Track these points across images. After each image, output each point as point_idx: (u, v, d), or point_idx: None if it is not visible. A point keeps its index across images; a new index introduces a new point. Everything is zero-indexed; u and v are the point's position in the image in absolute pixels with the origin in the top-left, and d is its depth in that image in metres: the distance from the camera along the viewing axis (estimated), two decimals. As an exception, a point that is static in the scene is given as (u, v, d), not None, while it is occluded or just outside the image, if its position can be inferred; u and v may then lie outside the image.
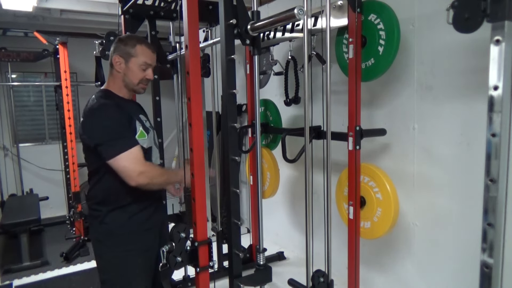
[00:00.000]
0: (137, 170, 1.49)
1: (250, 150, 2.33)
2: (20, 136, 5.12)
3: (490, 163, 1.01)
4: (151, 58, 1.65)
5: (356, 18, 1.65)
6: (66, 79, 3.98)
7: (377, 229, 1.78)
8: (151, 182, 1.53)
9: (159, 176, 1.58)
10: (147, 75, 1.65)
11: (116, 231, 1.60)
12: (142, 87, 1.68)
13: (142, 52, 1.62)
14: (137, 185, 1.49)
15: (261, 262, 1.68)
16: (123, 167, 1.49)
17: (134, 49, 1.61)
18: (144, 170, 1.50)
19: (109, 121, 1.54)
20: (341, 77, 1.87)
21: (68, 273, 2.93)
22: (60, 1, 3.46)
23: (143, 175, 1.49)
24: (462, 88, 1.64)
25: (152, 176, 1.53)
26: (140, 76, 1.64)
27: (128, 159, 1.49)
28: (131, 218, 1.62)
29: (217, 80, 2.30)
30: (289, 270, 2.53)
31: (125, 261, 1.60)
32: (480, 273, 1.04)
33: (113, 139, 1.50)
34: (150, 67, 1.66)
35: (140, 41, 1.64)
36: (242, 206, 3.37)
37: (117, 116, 1.54)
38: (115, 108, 1.56)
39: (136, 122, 1.62)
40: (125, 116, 1.57)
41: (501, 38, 0.96)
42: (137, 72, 1.63)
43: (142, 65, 1.62)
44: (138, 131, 1.61)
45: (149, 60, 1.64)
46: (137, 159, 1.51)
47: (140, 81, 1.65)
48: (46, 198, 4.63)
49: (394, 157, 1.96)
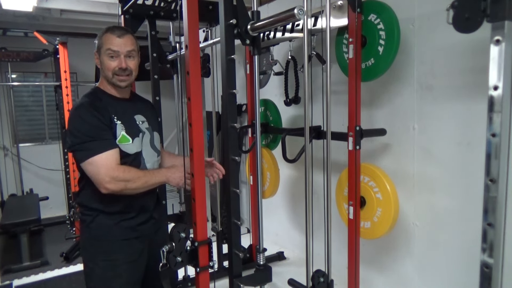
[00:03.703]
0: (107, 176, 1.39)
1: (250, 150, 2.33)
2: (20, 136, 5.13)
3: (490, 163, 1.01)
4: (116, 44, 1.50)
5: (356, 18, 1.65)
6: (66, 79, 3.99)
7: (377, 229, 1.78)
8: (126, 188, 1.43)
9: (136, 179, 1.45)
10: (119, 64, 1.50)
11: (100, 237, 1.55)
12: (118, 79, 1.53)
13: (106, 40, 1.50)
14: (109, 192, 1.42)
15: (261, 262, 1.68)
16: (92, 172, 1.42)
17: (101, 39, 1.52)
18: (115, 175, 1.40)
19: (80, 123, 1.44)
20: (341, 77, 1.87)
21: (68, 273, 2.93)
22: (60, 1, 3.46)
23: (114, 181, 1.40)
24: (462, 88, 1.64)
25: (126, 181, 1.43)
26: (110, 66, 1.51)
27: (97, 164, 1.40)
28: (118, 224, 1.55)
29: (217, 80, 2.30)
30: (289, 270, 2.53)
31: (108, 271, 1.54)
32: (480, 273, 1.04)
33: (83, 142, 1.42)
34: (119, 54, 1.51)
35: (107, 29, 1.53)
36: (242, 206, 3.37)
37: (89, 118, 1.44)
38: (89, 109, 1.46)
39: (118, 126, 1.50)
40: (102, 117, 1.46)
41: (501, 38, 0.96)
42: (106, 62, 1.51)
43: (108, 54, 1.50)
44: (119, 135, 1.50)
45: (113, 46, 1.50)
46: (107, 164, 1.41)
47: (114, 72, 1.51)
48: (46, 198, 4.64)
49: (394, 157, 1.96)
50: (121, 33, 1.52)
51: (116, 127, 1.50)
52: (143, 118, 1.64)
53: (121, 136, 1.51)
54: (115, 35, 1.51)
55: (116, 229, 1.55)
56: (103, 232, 1.55)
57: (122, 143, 1.51)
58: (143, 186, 1.49)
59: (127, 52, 1.52)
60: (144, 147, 1.60)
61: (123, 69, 1.52)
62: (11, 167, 5.03)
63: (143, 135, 1.60)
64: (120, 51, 1.51)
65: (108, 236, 1.55)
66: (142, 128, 1.61)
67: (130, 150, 1.53)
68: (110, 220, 1.55)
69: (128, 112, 1.59)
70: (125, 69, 1.52)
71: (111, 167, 1.42)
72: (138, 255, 1.61)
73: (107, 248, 1.55)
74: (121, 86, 1.56)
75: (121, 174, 1.43)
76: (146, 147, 1.61)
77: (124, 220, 1.56)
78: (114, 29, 1.53)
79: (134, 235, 1.59)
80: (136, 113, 1.62)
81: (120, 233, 1.56)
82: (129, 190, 1.46)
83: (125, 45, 1.52)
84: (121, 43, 1.51)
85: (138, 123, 1.60)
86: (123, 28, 1.58)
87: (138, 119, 1.62)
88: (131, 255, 1.59)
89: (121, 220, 1.56)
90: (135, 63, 1.57)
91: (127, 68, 1.53)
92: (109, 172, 1.41)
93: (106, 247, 1.55)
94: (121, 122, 1.52)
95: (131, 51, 1.53)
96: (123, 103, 1.60)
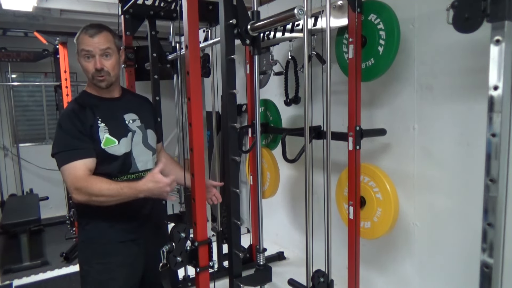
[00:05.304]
0: (73, 186, 1.39)
1: (250, 150, 2.33)
2: (20, 136, 5.13)
3: (490, 163, 1.01)
4: (89, 44, 1.44)
5: (356, 18, 1.65)
6: (66, 79, 3.98)
7: (377, 229, 1.78)
8: (91, 200, 1.39)
9: (103, 192, 1.38)
10: (94, 65, 1.45)
11: (96, 240, 1.53)
12: (98, 79, 1.48)
13: (81, 40, 1.46)
14: (77, 201, 1.41)
15: (261, 262, 1.68)
16: (64, 180, 1.43)
17: (77, 41, 1.47)
18: (80, 186, 1.37)
19: (58, 132, 1.46)
20: (341, 77, 1.87)
21: (68, 273, 2.92)
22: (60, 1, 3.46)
23: (77, 192, 1.38)
24: (462, 88, 1.64)
25: (90, 194, 1.37)
26: (88, 68, 1.46)
27: (66, 173, 1.41)
28: (113, 227, 1.53)
29: (217, 80, 2.30)
30: (289, 270, 2.53)
31: (103, 274, 1.52)
32: (480, 273, 1.04)
33: (59, 152, 1.43)
34: (93, 54, 1.45)
35: (82, 29, 1.48)
36: (242, 206, 3.37)
37: (67, 126, 1.44)
38: (69, 117, 1.45)
39: (100, 128, 1.47)
40: (81, 125, 1.44)
41: (501, 38, 0.96)
42: (83, 63, 1.47)
43: (84, 55, 1.45)
44: (103, 138, 1.46)
45: (86, 46, 1.44)
46: (74, 174, 1.39)
47: (93, 73, 1.47)
48: (46, 198, 4.64)
49: (394, 157, 1.96)
50: (94, 31, 1.45)
51: (99, 130, 1.47)
52: (135, 116, 1.60)
53: (105, 139, 1.48)
54: (88, 34, 1.45)
55: (111, 231, 1.53)
56: (98, 234, 1.54)
57: (107, 145, 1.48)
58: (112, 200, 1.40)
59: (101, 51, 1.45)
60: (134, 146, 1.56)
61: (99, 70, 1.46)
62: (11, 167, 5.03)
63: (133, 134, 1.56)
64: (94, 50, 1.45)
65: (103, 239, 1.54)
66: (132, 127, 1.57)
67: (117, 152, 1.50)
68: (105, 222, 1.53)
69: (116, 112, 1.56)
70: (100, 70, 1.46)
71: (76, 177, 1.39)
72: (134, 258, 1.59)
73: (102, 251, 1.53)
74: (101, 87, 1.51)
75: (85, 185, 1.38)
76: (137, 146, 1.57)
77: (120, 222, 1.54)
78: (88, 28, 1.47)
79: (130, 238, 1.57)
80: (125, 112, 1.58)
81: (115, 236, 1.54)
82: (97, 203, 1.40)
83: (98, 43, 1.44)
84: (94, 42, 1.44)
85: (127, 122, 1.57)
86: (97, 26, 1.49)
87: (128, 118, 1.58)
88: (127, 258, 1.56)
89: (117, 222, 1.54)
90: (112, 61, 1.49)
91: (103, 69, 1.46)
92: (73, 182, 1.39)
93: (101, 249, 1.53)
94: (105, 124, 1.49)
95: (105, 50, 1.46)
96: (110, 103, 1.57)
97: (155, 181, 1.36)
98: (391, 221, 1.73)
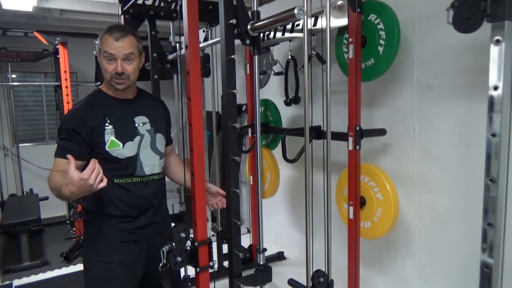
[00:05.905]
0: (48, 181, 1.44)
1: (250, 150, 2.33)
2: (20, 136, 5.13)
3: (490, 163, 1.01)
4: (113, 48, 1.44)
5: (356, 18, 1.65)
6: (66, 79, 3.98)
7: (377, 229, 1.78)
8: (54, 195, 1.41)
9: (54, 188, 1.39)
10: (115, 68, 1.45)
11: (98, 238, 1.55)
12: (115, 82, 1.49)
13: (104, 42, 1.45)
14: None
15: (261, 262, 1.68)
16: None
17: (100, 40, 1.47)
18: (49, 181, 1.42)
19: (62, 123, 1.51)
20: (341, 77, 1.87)
21: (68, 273, 2.93)
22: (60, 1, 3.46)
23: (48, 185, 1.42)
24: (462, 88, 1.64)
25: (51, 188, 1.41)
26: (108, 69, 1.47)
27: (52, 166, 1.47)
28: (115, 226, 1.54)
29: (217, 80, 2.30)
30: (289, 270, 2.53)
31: (103, 272, 1.54)
32: (480, 273, 1.04)
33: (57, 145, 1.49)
34: (116, 58, 1.45)
35: (107, 29, 1.47)
36: (242, 206, 3.37)
37: (68, 123, 1.48)
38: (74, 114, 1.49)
39: (107, 131, 1.48)
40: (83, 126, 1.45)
41: (501, 38, 0.96)
42: (104, 65, 1.47)
43: (106, 56, 1.46)
44: (108, 140, 1.48)
45: (110, 49, 1.44)
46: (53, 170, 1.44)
47: (111, 76, 1.47)
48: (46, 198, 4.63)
49: (394, 157, 1.96)
50: (119, 35, 1.45)
51: (105, 132, 1.48)
52: (145, 119, 1.59)
53: (110, 142, 1.48)
54: (113, 37, 1.45)
55: (113, 231, 1.54)
56: (101, 233, 1.55)
57: (112, 148, 1.48)
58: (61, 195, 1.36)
59: (124, 55, 1.46)
60: (142, 150, 1.55)
61: (119, 74, 1.47)
62: (11, 167, 5.03)
63: (141, 138, 1.55)
64: (116, 54, 1.45)
65: (105, 237, 1.55)
66: (141, 131, 1.56)
67: (121, 155, 1.50)
68: (108, 222, 1.54)
69: (127, 114, 1.56)
70: (121, 74, 1.47)
71: (52, 173, 1.43)
72: (135, 258, 1.59)
73: (103, 249, 1.55)
74: (118, 89, 1.52)
75: (50, 180, 1.42)
76: (145, 150, 1.56)
77: (123, 222, 1.55)
78: (113, 30, 1.47)
79: (132, 238, 1.57)
80: (137, 115, 1.58)
81: (117, 235, 1.54)
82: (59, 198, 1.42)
83: (122, 48, 1.45)
84: (119, 46, 1.45)
85: (137, 125, 1.56)
86: (123, 29, 1.51)
87: (139, 121, 1.57)
88: (127, 257, 1.57)
89: (120, 222, 1.54)
90: (134, 66, 1.50)
91: (124, 73, 1.47)
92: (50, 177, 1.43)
93: (102, 248, 1.55)
94: (113, 127, 1.50)
95: (129, 55, 1.47)
96: (123, 105, 1.57)
97: (71, 182, 1.28)
98: (391, 221, 1.73)
